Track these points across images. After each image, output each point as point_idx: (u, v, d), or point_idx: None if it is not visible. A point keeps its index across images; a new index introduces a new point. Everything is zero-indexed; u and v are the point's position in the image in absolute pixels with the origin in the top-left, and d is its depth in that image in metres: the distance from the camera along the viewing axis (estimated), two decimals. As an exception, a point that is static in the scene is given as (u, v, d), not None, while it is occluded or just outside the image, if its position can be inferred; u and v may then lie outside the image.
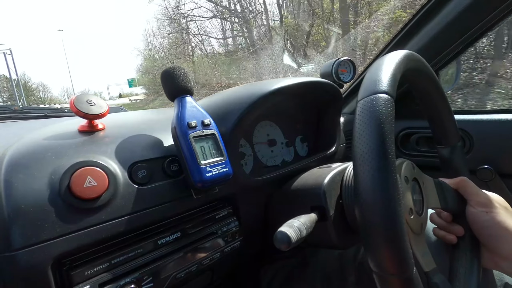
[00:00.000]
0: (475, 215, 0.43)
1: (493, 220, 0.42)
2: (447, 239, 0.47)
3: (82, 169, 0.35)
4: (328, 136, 0.75)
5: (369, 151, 0.29)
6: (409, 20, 0.78)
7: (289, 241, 0.34)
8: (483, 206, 0.43)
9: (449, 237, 0.47)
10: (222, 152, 0.45)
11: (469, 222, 0.45)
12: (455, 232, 0.46)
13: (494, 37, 3.52)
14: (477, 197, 0.44)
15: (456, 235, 0.46)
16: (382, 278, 0.30)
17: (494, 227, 0.42)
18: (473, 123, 0.77)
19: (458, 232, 0.46)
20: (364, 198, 0.29)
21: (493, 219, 0.42)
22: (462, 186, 0.46)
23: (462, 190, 0.46)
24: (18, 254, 0.31)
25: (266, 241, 0.60)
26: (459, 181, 0.46)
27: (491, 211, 0.42)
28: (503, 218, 0.42)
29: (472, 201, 0.45)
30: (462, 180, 0.46)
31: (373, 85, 0.32)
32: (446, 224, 0.47)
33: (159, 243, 0.41)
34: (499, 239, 0.41)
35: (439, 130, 0.51)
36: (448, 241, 0.47)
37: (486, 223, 0.42)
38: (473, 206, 0.44)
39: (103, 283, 0.35)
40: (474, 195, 0.45)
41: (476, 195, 0.44)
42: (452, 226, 0.47)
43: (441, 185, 0.45)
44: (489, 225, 0.42)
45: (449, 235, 0.47)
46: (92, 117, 0.41)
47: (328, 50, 8.46)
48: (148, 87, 25.40)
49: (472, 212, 0.44)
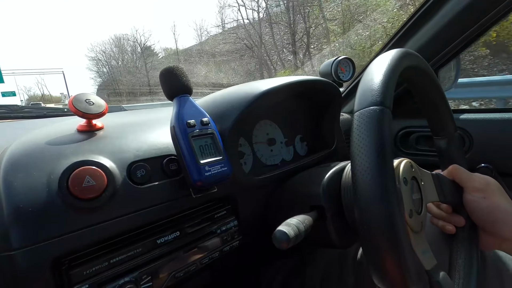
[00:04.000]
0: (474, 203, 0.43)
1: (492, 205, 0.42)
2: (446, 229, 0.47)
3: (81, 169, 0.35)
4: (327, 135, 0.75)
5: (368, 168, 0.29)
6: (408, 18, 0.78)
7: (287, 240, 0.34)
8: (480, 192, 0.43)
9: (449, 227, 0.47)
10: (221, 151, 0.45)
11: (468, 209, 0.44)
12: (455, 222, 0.46)
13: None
14: (473, 182, 0.44)
15: (456, 225, 0.46)
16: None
17: (494, 212, 0.42)
18: (472, 122, 0.77)
19: (459, 222, 0.46)
20: (366, 218, 0.29)
21: (491, 204, 0.42)
22: (456, 174, 0.46)
23: (457, 178, 0.46)
24: (17, 254, 0.31)
25: (266, 240, 0.60)
26: (451, 169, 0.46)
27: (488, 196, 0.43)
28: (500, 202, 0.42)
29: (468, 187, 0.45)
30: (454, 168, 0.46)
31: (369, 96, 0.32)
32: (445, 215, 0.48)
33: (158, 242, 0.41)
34: (499, 222, 0.42)
35: (436, 120, 0.51)
36: (447, 231, 0.47)
37: (485, 209, 0.42)
38: (469, 192, 0.44)
39: (102, 283, 0.35)
40: (469, 181, 0.45)
41: (471, 180, 0.44)
42: (451, 216, 0.47)
43: (438, 178, 0.45)
44: (488, 211, 0.42)
45: (448, 225, 0.47)
46: (91, 116, 0.41)
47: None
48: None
49: (470, 200, 0.44)
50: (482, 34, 0.72)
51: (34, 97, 46.81)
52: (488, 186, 0.44)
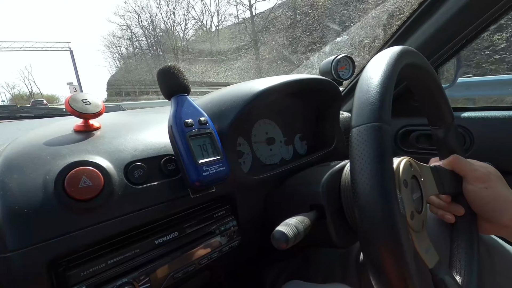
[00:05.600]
0: (475, 193, 0.43)
1: (494, 195, 0.42)
2: (445, 218, 0.47)
3: (77, 169, 0.35)
4: (327, 134, 0.74)
5: (368, 185, 0.29)
6: (408, 16, 0.77)
7: (286, 240, 0.34)
8: (482, 182, 0.43)
9: (448, 217, 0.47)
10: (219, 150, 0.44)
11: (469, 199, 0.44)
12: (455, 211, 0.46)
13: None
14: (474, 172, 0.44)
15: (455, 214, 0.46)
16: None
17: (497, 201, 0.42)
18: (473, 120, 0.77)
19: (458, 211, 0.46)
20: (369, 235, 0.29)
21: (493, 194, 0.42)
22: (456, 165, 0.45)
23: (457, 169, 0.46)
24: (13, 256, 0.30)
25: (265, 240, 0.60)
26: (452, 159, 0.46)
27: (490, 186, 0.43)
28: (502, 191, 0.42)
29: (469, 177, 0.44)
30: (455, 158, 0.46)
31: (366, 111, 0.31)
32: (445, 204, 0.48)
33: (156, 242, 0.41)
34: (499, 211, 0.42)
35: (432, 110, 0.51)
36: (446, 220, 0.47)
37: (486, 199, 0.43)
38: (471, 182, 0.44)
39: (100, 284, 0.35)
40: (470, 170, 0.44)
41: (473, 170, 0.44)
42: (451, 206, 0.47)
43: (437, 170, 0.44)
44: (488, 200, 0.42)
45: (448, 214, 0.47)
46: (88, 116, 0.41)
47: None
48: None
49: (471, 190, 0.44)
50: (482, 32, 0.71)
51: (19, 96, 40.58)
52: (490, 175, 0.43)
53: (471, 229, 0.45)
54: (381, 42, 0.89)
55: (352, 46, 7.40)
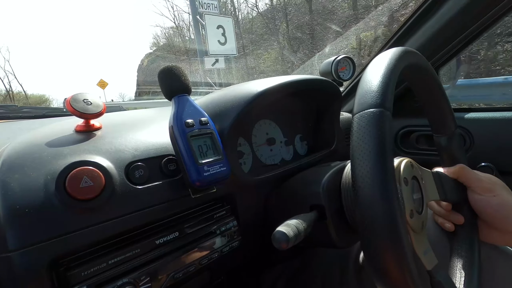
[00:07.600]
0: (483, 201, 0.44)
1: (503, 202, 0.43)
2: (445, 227, 0.48)
3: (78, 169, 0.35)
4: (327, 135, 0.74)
5: (368, 173, 0.29)
6: (408, 17, 0.78)
7: (287, 240, 0.34)
8: (489, 191, 0.44)
9: (447, 225, 0.47)
10: (220, 151, 0.44)
11: (478, 208, 0.45)
12: (454, 220, 0.47)
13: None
14: (480, 182, 0.45)
15: (455, 223, 0.47)
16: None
17: (505, 209, 0.42)
18: (473, 120, 0.77)
19: (458, 220, 0.46)
20: (367, 223, 0.29)
21: (501, 201, 0.43)
22: (462, 174, 0.46)
23: (462, 179, 0.46)
24: (14, 255, 0.30)
25: (266, 241, 0.60)
26: (458, 169, 0.46)
27: (498, 194, 0.43)
28: (509, 198, 0.43)
29: (476, 188, 0.45)
30: (461, 168, 0.46)
31: (368, 98, 0.32)
32: (445, 212, 0.48)
33: (157, 243, 0.41)
34: (508, 218, 0.42)
35: (436, 118, 0.51)
36: (446, 229, 0.48)
37: (495, 207, 0.43)
38: (478, 192, 0.44)
39: (101, 284, 0.35)
40: (476, 181, 0.45)
41: (479, 181, 0.45)
42: (451, 214, 0.47)
43: (439, 176, 0.45)
44: (498, 208, 0.43)
45: (447, 223, 0.47)
46: (89, 116, 0.41)
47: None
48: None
49: (479, 199, 0.44)
50: (482, 33, 0.71)
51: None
52: (496, 185, 0.44)
53: (471, 237, 0.45)
54: (381, 43, 0.89)
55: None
